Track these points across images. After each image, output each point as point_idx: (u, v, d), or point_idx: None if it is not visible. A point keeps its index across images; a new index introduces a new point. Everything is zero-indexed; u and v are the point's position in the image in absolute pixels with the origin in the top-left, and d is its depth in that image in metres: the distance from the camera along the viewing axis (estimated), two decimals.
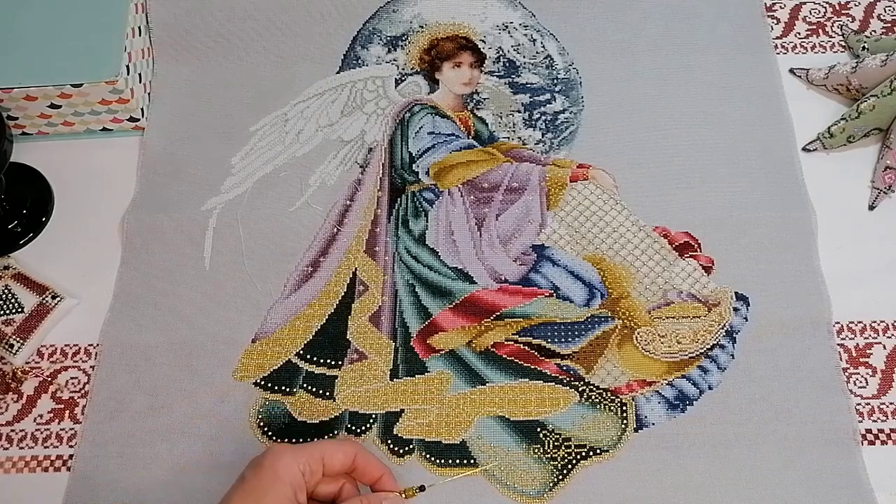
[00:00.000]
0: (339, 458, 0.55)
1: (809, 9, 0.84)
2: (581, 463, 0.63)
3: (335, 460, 0.55)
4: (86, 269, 0.73)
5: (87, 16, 0.75)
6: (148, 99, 0.80)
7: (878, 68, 0.74)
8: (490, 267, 0.71)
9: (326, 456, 0.54)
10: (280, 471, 0.51)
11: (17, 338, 0.68)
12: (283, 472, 0.51)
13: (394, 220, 0.74)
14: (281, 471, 0.51)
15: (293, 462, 0.52)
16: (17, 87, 0.71)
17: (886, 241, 0.72)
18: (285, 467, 0.51)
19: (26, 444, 0.65)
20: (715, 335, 0.67)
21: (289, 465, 0.52)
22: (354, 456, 0.56)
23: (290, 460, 0.52)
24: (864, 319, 0.68)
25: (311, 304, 0.70)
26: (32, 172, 0.77)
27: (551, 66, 0.81)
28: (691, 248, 0.71)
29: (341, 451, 0.55)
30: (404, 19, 0.84)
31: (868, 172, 0.75)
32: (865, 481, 0.61)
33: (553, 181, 0.75)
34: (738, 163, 0.75)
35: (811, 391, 0.65)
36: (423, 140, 0.78)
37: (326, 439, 0.63)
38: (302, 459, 0.53)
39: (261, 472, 0.52)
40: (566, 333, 0.68)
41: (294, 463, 0.52)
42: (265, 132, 0.79)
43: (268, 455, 0.52)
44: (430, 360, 0.67)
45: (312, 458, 0.53)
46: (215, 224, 0.74)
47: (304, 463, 0.53)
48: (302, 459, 0.53)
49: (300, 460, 0.52)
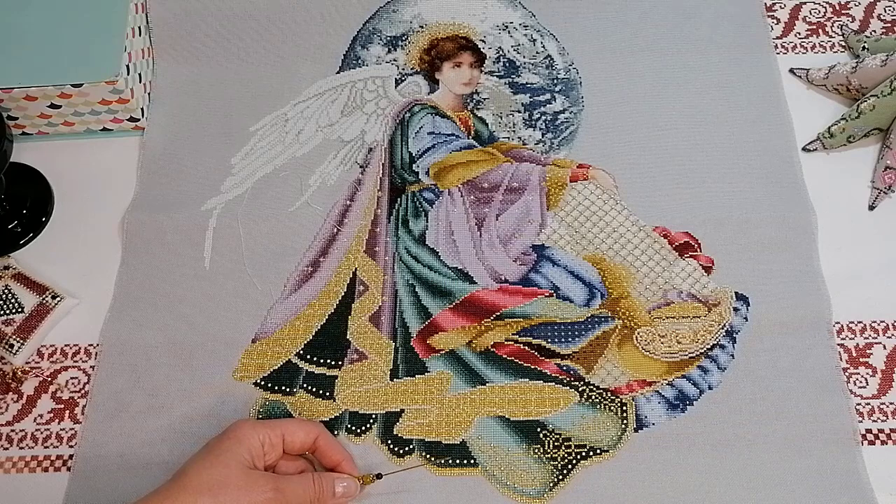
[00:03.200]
0: (300, 436, 0.58)
1: (809, 9, 0.84)
2: (581, 463, 0.63)
3: (296, 438, 0.58)
4: (86, 269, 0.73)
5: (87, 16, 0.75)
6: (148, 99, 0.80)
7: (878, 68, 0.74)
8: (490, 267, 0.71)
9: (287, 433, 0.58)
10: (240, 437, 0.56)
11: (17, 338, 0.68)
12: (243, 438, 0.55)
13: (394, 220, 0.74)
14: (241, 437, 0.56)
15: (253, 432, 0.56)
16: (17, 87, 0.71)
17: (886, 241, 0.72)
18: (245, 435, 0.56)
19: (26, 444, 0.65)
20: (715, 335, 0.67)
21: (249, 434, 0.56)
22: (316, 437, 0.59)
23: (250, 430, 0.56)
24: (864, 319, 0.68)
25: (311, 304, 0.70)
26: (32, 172, 0.77)
27: (551, 66, 0.81)
28: (691, 248, 0.71)
29: (302, 431, 0.59)
30: (404, 19, 0.84)
31: (868, 172, 0.75)
32: (865, 481, 0.61)
33: (553, 181, 0.75)
34: (738, 163, 0.75)
35: (811, 391, 0.65)
36: (423, 140, 0.78)
37: (292, 418, 0.64)
38: (262, 432, 0.57)
39: (222, 437, 0.56)
40: (566, 333, 0.68)
41: (254, 433, 0.56)
42: (265, 132, 0.79)
43: (231, 425, 0.57)
44: (430, 360, 0.67)
45: (273, 432, 0.57)
46: (215, 224, 0.74)
47: (265, 434, 0.57)
48: (262, 432, 0.57)
49: (260, 432, 0.57)
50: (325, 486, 0.58)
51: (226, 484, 0.53)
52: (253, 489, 0.54)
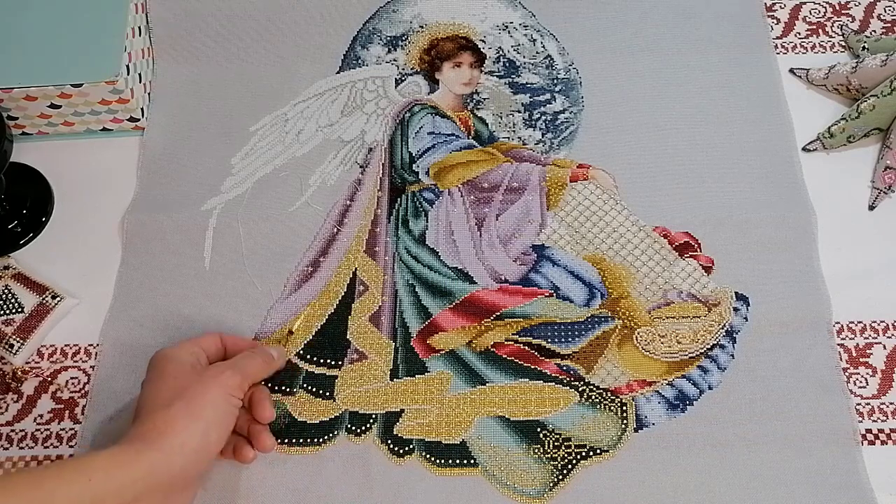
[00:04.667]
0: (210, 340, 0.61)
1: (809, 9, 0.84)
2: (581, 463, 0.63)
3: (210, 344, 0.61)
4: (86, 269, 0.73)
5: (87, 16, 0.75)
6: (148, 99, 0.80)
7: (878, 68, 0.74)
8: (490, 267, 0.71)
9: (201, 342, 0.60)
10: (167, 354, 0.58)
11: (17, 338, 0.68)
12: (171, 355, 0.58)
13: (394, 220, 0.74)
14: (168, 354, 0.58)
15: (176, 349, 0.59)
16: (17, 87, 0.71)
17: (886, 241, 0.72)
18: (170, 352, 0.58)
19: (26, 444, 0.65)
20: (715, 335, 0.67)
21: (173, 350, 0.58)
22: (219, 336, 0.62)
23: (171, 349, 0.59)
24: (864, 319, 0.68)
25: (311, 304, 0.70)
26: (32, 172, 0.77)
27: (551, 66, 0.81)
28: (691, 248, 0.71)
29: (208, 336, 0.61)
30: (404, 19, 0.84)
31: (868, 172, 0.75)
32: (865, 481, 0.61)
33: (553, 181, 0.75)
34: (738, 163, 0.75)
35: (811, 391, 0.65)
36: (423, 140, 0.78)
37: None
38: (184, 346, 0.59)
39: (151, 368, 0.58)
40: (566, 333, 0.68)
41: (178, 349, 0.58)
42: (265, 132, 0.79)
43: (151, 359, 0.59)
44: (430, 360, 0.67)
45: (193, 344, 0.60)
46: (215, 224, 0.74)
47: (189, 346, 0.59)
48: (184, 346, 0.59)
49: (183, 347, 0.59)
50: (264, 352, 0.61)
51: (187, 382, 0.55)
52: (217, 374, 0.56)
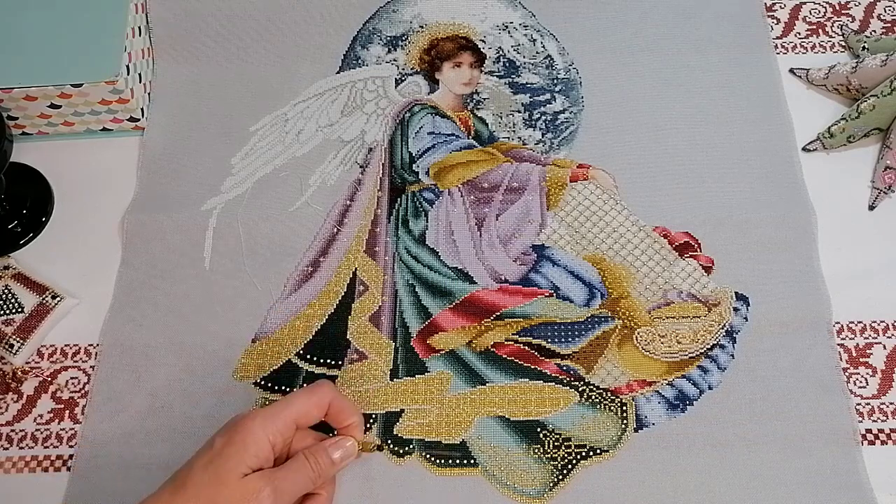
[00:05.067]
0: (314, 414, 0.56)
1: (809, 9, 0.84)
2: (581, 463, 0.63)
3: (310, 418, 0.56)
4: (86, 269, 0.73)
5: (87, 16, 0.75)
6: (148, 99, 0.80)
7: (878, 68, 0.74)
8: (490, 267, 0.71)
9: (300, 416, 0.55)
10: (247, 442, 0.52)
11: (17, 338, 0.68)
12: (250, 443, 0.52)
13: (394, 220, 0.74)
14: (248, 442, 0.52)
15: (263, 432, 0.53)
16: (17, 87, 0.71)
17: (886, 241, 0.72)
18: (254, 439, 0.52)
19: (26, 444, 0.65)
20: (715, 335, 0.67)
21: (258, 435, 0.52)
22: (328, 404, 0.57)
23: (260, 430, 0.53)
24: (864, 319, 0.68)
25: (311, 304, 0.70)
26: (32, 172, 0.77)
27: (551, 66, 0.81)
28: (691, 248, 0.71)
29: (316, 408, 0.56)
30: (404, 19, 0.84)
31: (868, 172, 0.75)
32: (865, 481, 0.61)
33: (553, 181, 0.75)
34: (738, 163, 0.75)
35: (811, 391, 0.65)
36: (423, 140, 0.78)
37: (299, 392, 0.58)
38: (272, 429, 0.53)
39: (227, 439, 0.52)
40: (566, 333, 0.68)
41: (263, 433, 0.53)
42: (265, 132, 0.79)
43: (237, 423, 0.53)
44: (430, 360, 0.67)
45: (285, 423, 0.54)
46: (215, 224, 0.74)
47: (275, 431, 0.53)
48: (272, 429, 0.53)
49: (270, 430, 0.53)
50: (321, 461, 0.56)
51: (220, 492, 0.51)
52: (248, 495, 0.51)
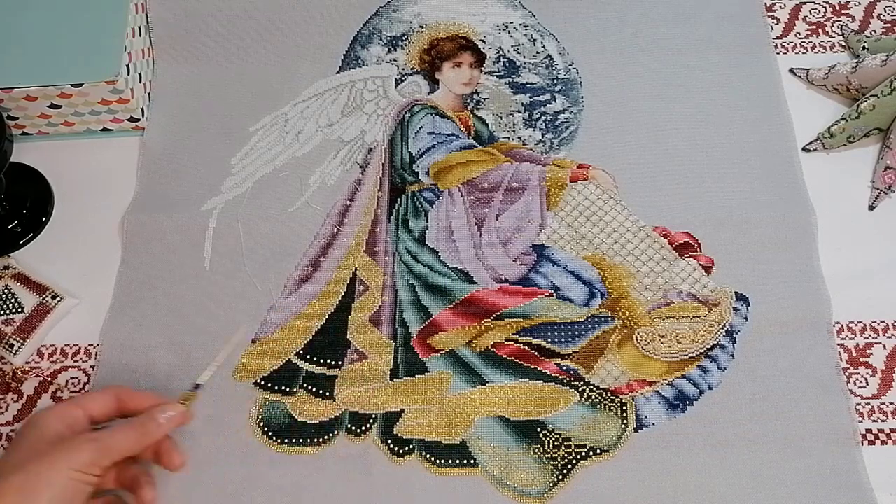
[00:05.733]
0: (99, 400, 0.58)
1: (809, 9, 0.84)
2: (581, 463, 0.63)
3: (95, 403, 0.57)
4: (86, 269, 0.73)
5: (87, 16, 0.75)
6: (148, 99, 0.80)
7: (878, 68, 0.74)
8: (490, 267, 0.71)
9: (84, 402, 0.57)
10: (34, 421, 0.55)
11: (17, 338, 0.68)
12: (38, 421, 0.55)
13: (394, 220, 0.74)
14: (35, 420, 0.55)
15: (48, 412, 0.56)
16: (17, 87, 0.71)
17: (886, 241, 0.72)
18: (40, 417, 0.55)
19: None
20: (715, 335, 0.67)
21: (43, 415, 0.55)
22: (114, 394, 0.59)
23: (44, 412, 0.56)
24: (864, 319, 0.68)
25: (311, 304, 0.70)
26: (32, 172, 0.77)
27: (551, 66, 0.81)
28: (691, 248, 0.71)
29: (99, 394, 0.58)
30: (404, 19, 0.84)
31: (868, 172, 0.75)
32: (865, 481, 0.62)
33: (553, 181, 0.75)
34: (738, 163, 0.75)
35: (811, 391, 0.65)
36: (423, 140, 0.78)
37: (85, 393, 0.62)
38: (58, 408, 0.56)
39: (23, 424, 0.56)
40: (566, 333, 0.68)
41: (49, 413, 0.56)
42: (265, 132, 0.79)
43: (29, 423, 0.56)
44: (430, 360, 0.67)
45: (69, 405, 0.56)
46: (215, 224, 0.74)
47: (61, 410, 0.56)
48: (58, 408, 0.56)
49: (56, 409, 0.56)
50: (147, 420, 0.57)
51: (36, 454, 0.52)
52: (70, 448, 0.53)
